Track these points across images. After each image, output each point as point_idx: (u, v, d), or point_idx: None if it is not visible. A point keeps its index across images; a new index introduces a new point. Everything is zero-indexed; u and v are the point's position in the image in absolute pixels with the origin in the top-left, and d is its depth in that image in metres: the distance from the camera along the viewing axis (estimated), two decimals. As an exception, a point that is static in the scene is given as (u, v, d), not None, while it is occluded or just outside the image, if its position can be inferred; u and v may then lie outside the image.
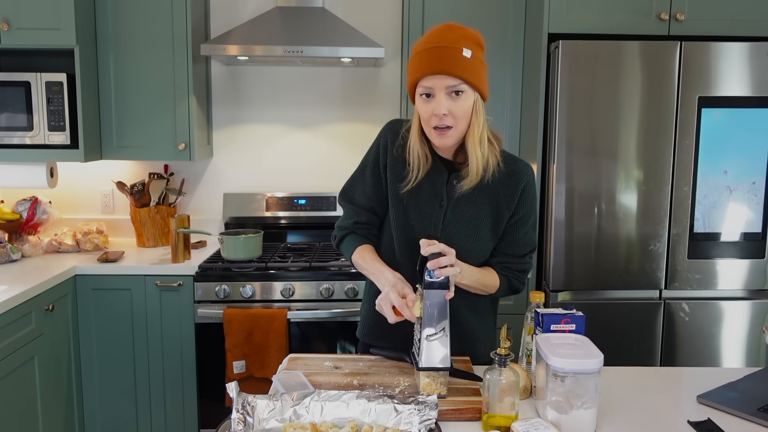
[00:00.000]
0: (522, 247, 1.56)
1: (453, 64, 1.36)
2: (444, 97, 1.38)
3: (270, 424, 1.20)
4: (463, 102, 1.39)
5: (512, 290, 1.59)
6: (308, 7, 2.83)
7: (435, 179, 1.51)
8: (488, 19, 2.74)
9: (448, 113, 1.39)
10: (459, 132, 1.43)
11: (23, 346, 2.21)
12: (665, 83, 2.36)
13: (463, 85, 1.38)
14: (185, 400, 2.64)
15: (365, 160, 1.60)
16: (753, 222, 2.43)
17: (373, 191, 1.57)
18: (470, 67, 1.38)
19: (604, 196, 2.40)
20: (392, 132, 1.56)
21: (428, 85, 1.38)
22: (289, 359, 1.56)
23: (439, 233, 1.50)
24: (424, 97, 1.40)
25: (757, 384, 1.44)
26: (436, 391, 1.33)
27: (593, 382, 1.19)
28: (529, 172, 1.54)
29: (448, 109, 1.38)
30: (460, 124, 1.41)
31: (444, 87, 1.37)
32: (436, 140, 1.44)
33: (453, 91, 1.38)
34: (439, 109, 1.38)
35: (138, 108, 2.77)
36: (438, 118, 1.39)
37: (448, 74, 1.36)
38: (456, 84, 1.37)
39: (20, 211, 2.90)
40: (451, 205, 1.51)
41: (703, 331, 2.48)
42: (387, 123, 1.59)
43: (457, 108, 1.39)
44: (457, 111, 1.39)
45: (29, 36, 2.55)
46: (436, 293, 1.31)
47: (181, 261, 2.64)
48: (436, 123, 1.40)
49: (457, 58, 1.36)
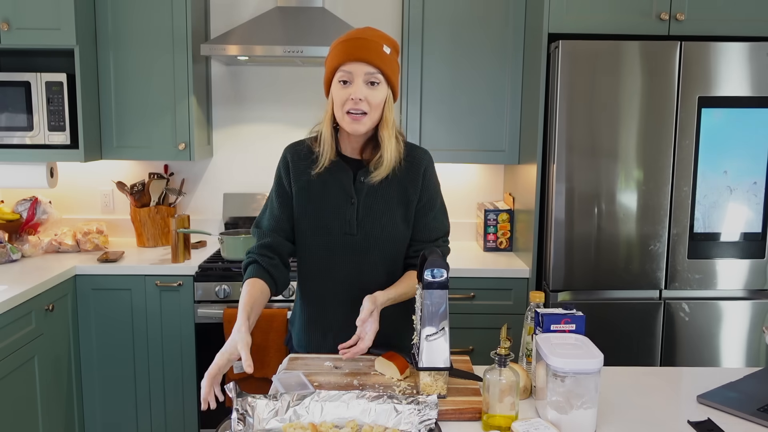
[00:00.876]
0: (433, 232, 1.61)
1: (374, 55, 1.46)
2: (362, 83, 1.46)
3: (270, 424, 1.20)
4: (378, 92, 1.48)
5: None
6: (308, 7, 2.83)
7: (342, 178, 1.57)
8: (488, 19, 2.74)
9: (364, 99, 1.46)
10: (371, 121, 1.50)
11: (23, 346, 2.21)
12: (665, 83, 2.36)
13: (380, 75, 1.47)
14: (185, 400, 2.64)
15: (271, 189, 1.66)
16: (753, 222, 2.43)
17: (281, 213, 1.60)
18: (388, 61, 1.48)
19: (604, 196, 2.40)
20: (291, 151, 1.65)
21: (348, 70, 1.46)
22: (289, 359, 1.56)
23: (356, 230, 1.56)
24: (342, 83, 1.48)
25: (757, 384, 1.44)
26: (436, 391, 1.33)
27: (593, 382, 1.19)
28: (427, 157, 1.62)
29: (365, 95, 1.46)
30: (373, 113, 1.49)
31: (363, 74, 1.46)
32: (349, 126, 1.49)
33: (370, 80, 1.47)
34: (356, 93, 1.46)
35: (138, 108, 2.77)
36: (354, 102, 1.46)
37: (369, 62, 1.45)
38: (374, 72, 1.46)
39: (20, 211, 2.90)
40: (361, 201, 1.56)
41: (703, 331, 2.48)
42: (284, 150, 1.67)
43: (373, 97, 1.47)
44: (372, 99, 1.47)
45: (29, 36, 2.55)
46: (435, 293, 1.31)
47: (181, 261, 2.64)
48: (352, 107, 1.47)
49: (378, 50, 1.47)
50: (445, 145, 2.80)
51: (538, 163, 2.52)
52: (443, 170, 3.12)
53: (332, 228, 1.56)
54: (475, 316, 2.60)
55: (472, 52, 2.76)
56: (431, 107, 2.78)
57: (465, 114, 2.79)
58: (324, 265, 1.59)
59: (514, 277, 2.61)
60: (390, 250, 1.59)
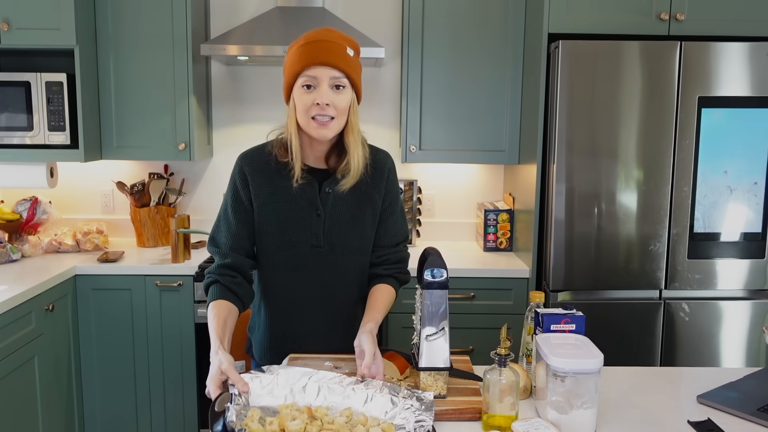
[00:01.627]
0: (394, 236, 1.60)
1: (339, 58, 1.41)
2: (327, 88, 1.41)
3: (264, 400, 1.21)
4: (344, 96, 1.44)
5: (402, 283, 1.62)
6: (308, 7, 2.83)
7: (307, 191, 1.51)
8: (488, 19, 2.74)
9: (331, 104, 1.41)
10: (338, 126, 1.45)
11: (23, 346, 2.21)
12: (665, 83, 2.36)
13: (345, 79, 1.43)
14: (185, 400, 2.64)
15: (224, 202, 1.56)
16: (753, 222, 2.43)
17: (239, 230, 1.52)
18: (353, 64, 1.44)
19: (604, 196, 2.40)
20: (246, 160, 1.55)
21: (313, 75, 1.41)
22: (289, 359, 1.55)
23: (322, 242, 1.51)
24: (305, 88, 1.42)
25: (757, 384, 1.44)
26: (436, 391, 1.33)
27: (593, 382, 1.19)
28: (390, 160, 1.59)
29: (331, 100, 1.41)
30: (340, 118, 1.44)
31: (328, 78, 1.41)
32: (315, 131, 1.44)
33: (335, 84, 1.42)
34: (322, 98, 1.40)
35: (138, 108, 2.77)
36: (320, 107, 1.41)
37: (334, 66, 1.40)
38: (339, 76, 1.42)
39: (20, 211, 2.90)
40: (328, 212, 1.52)
41: (703, 331, 2.48)
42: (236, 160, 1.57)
43: (339, 101, 1.43)
44: (338, 104, 1.43)
45: (29, 36, 2.55)
46: (435, 293, 1.31)
47: (181, 261, 2.64)
48: (317, 112, 1.41)
49: (342, 53, 1.42)
50: (445, 145, 2.80)
51: (538, 163, 2.52)
52: (443, 170, 3.13)
53: (298, 242, 1.51)
54: (475, 316, 2.60)
55: (472, 52, 2.76)
56: (431, 107, 2.78)
57: (465, 114, 2.79)
58: (290, 280, 1.54)
59: (514, 277, 2.61)
60: (359, 260, 1.57)
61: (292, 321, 1.59)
